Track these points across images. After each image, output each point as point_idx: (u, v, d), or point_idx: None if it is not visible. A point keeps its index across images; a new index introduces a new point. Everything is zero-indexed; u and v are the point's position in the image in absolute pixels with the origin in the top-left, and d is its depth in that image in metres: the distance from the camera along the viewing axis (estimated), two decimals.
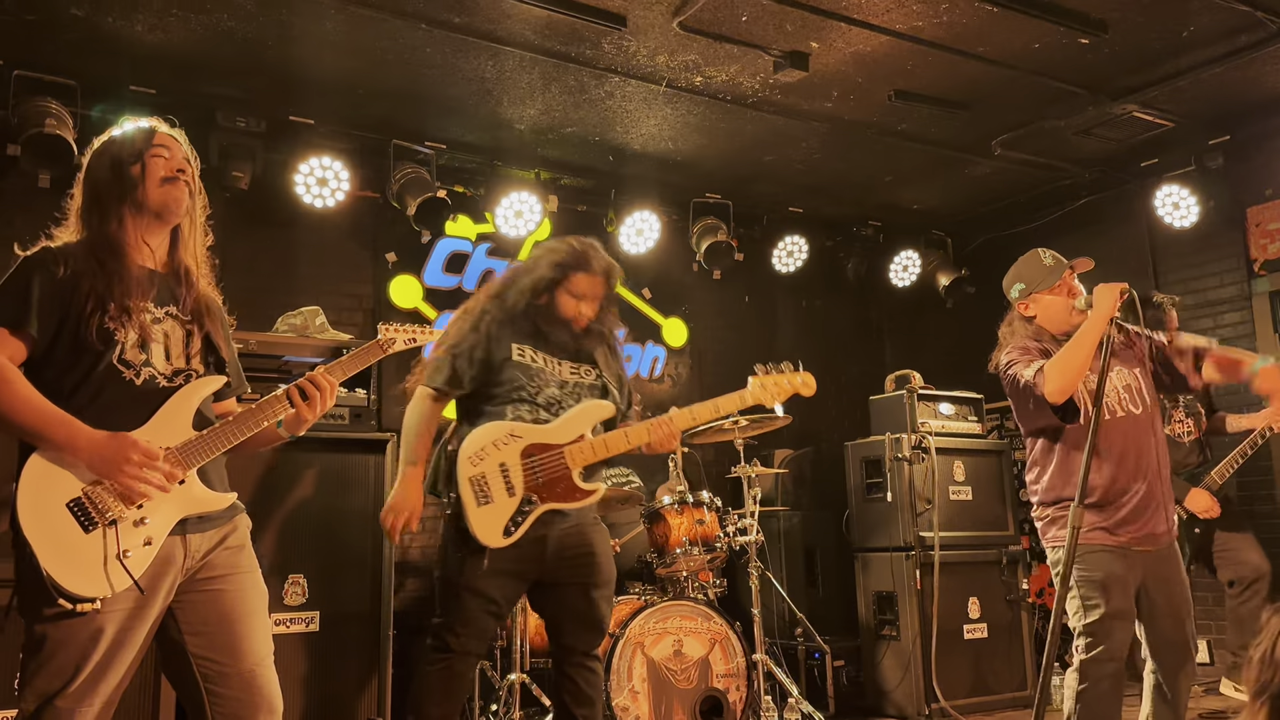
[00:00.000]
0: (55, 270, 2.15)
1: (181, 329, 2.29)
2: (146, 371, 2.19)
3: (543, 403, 3.14)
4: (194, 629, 2.21)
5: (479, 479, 3.00)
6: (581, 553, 3.14)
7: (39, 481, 2.05)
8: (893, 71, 4.76)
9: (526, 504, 3.03)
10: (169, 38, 4.24)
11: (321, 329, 4.24)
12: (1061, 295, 3.24)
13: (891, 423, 5.46)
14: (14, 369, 2.08)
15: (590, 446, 3.11)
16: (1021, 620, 5.43)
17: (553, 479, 3.07)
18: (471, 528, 2.96)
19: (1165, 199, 5.66)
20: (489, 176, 5.63)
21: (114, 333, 2.15)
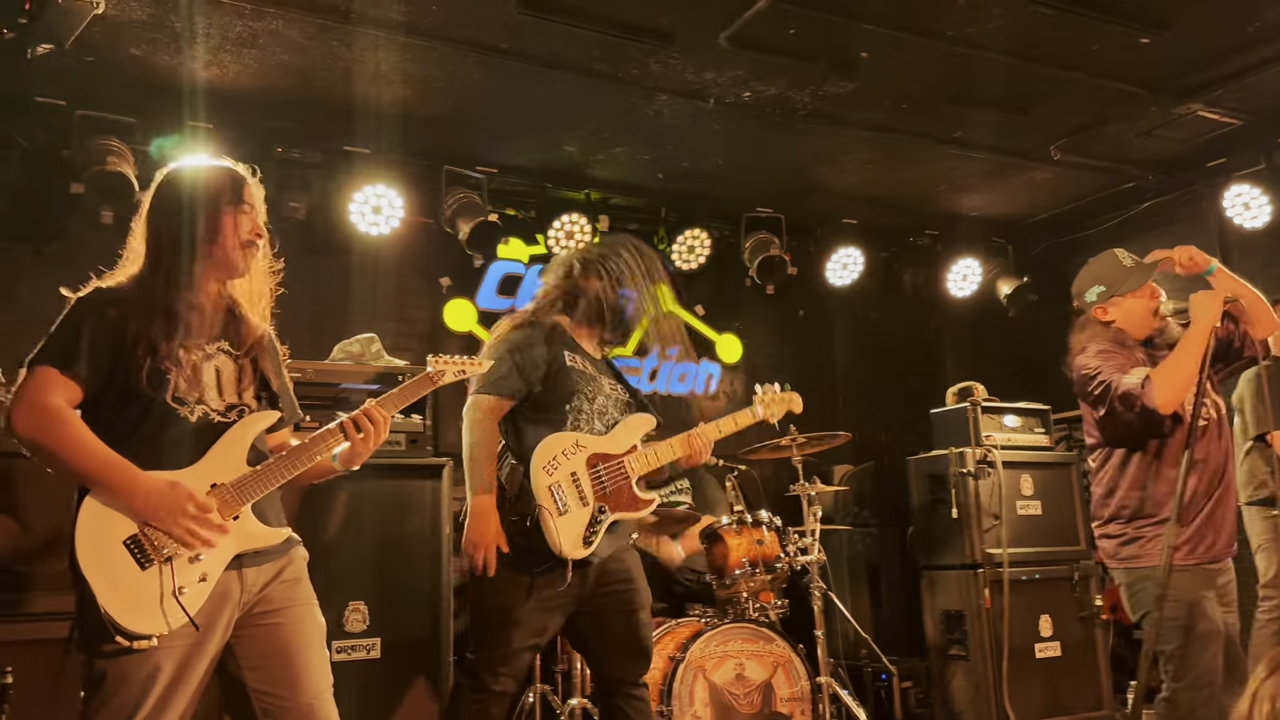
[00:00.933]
0: (106, 311, 2.16)
1: (233, 364, 2.30)
2: (200, 409, 2.20)
3: (596, 411, 3.12)
4: (253, 664, 2.21)
5: (556, 488, 2.97)
6: (621, 579, 3.10)
7: (96, 519, 2.06)
8: (946, 78, 4.67)
9: (599, 513, 3.00)
10: (224, 73, 4.32)
11: (378, 356, 4.27)
12: (1145, 298, 3.14)
13: (955, 436, 5.33)
14: (71, 412, 2.10)
15: (645, 456, 3.14)
16: (1096, 637, 5.25)
17: (618, 488, 3.07)
18: (555, 538, 2.90)
19: (1235, 199, 5.49)
20: (540, 199, 5.65)
21: (166, 372, 2.16)
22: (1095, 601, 5.28)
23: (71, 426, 2.08)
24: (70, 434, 2.07)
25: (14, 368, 3.72)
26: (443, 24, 4.05)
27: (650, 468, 3.15)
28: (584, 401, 3.10)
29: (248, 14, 3.89)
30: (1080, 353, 3.19)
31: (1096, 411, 3.12)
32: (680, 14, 4.06)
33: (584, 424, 3.09)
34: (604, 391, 3.17)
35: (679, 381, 6.17)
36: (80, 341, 2.12)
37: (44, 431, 2.06)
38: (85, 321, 2.14)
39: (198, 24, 3.94)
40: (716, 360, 6.32)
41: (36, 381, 2.09)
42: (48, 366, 2.10)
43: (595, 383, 3.15)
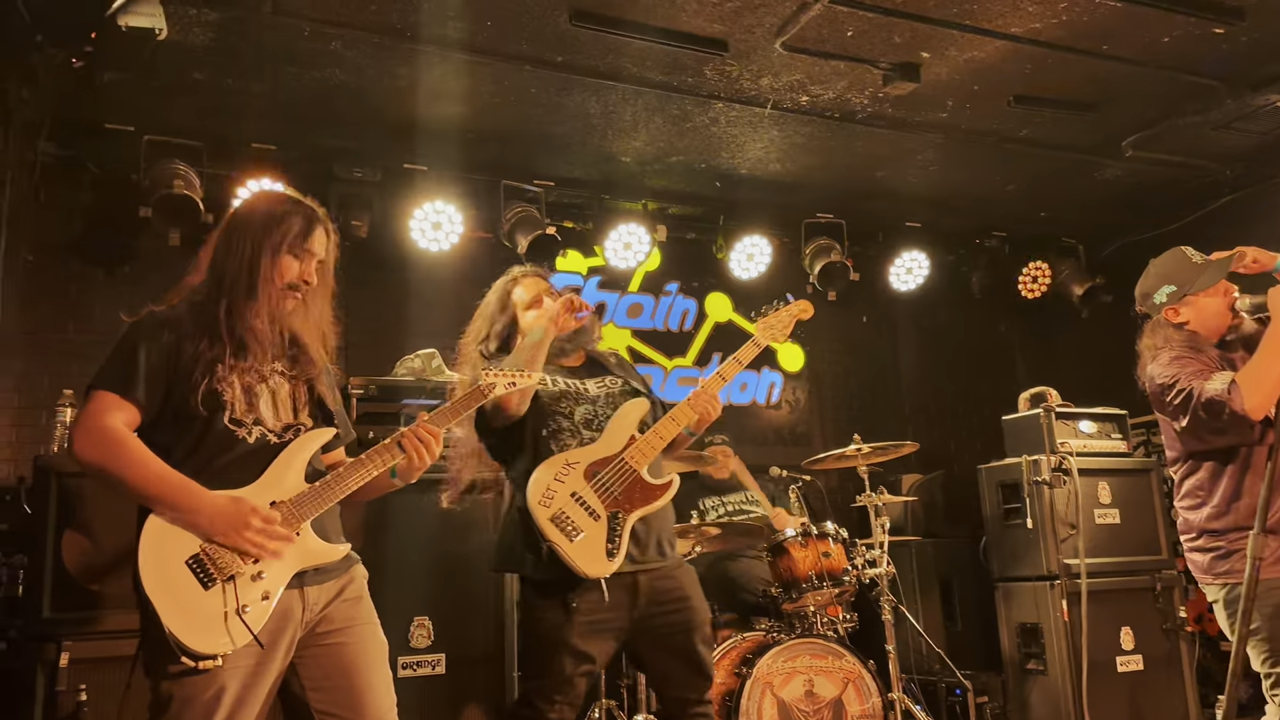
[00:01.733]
0: (161, 335, 2.19)
1: (289, 385, 2.31)
2: (257, 430, 2.22)
3: (581, 423, 3.06)
4: (316, 684, 2.21)
5: (559, 516, 2.92)
6: (675, 597, 3.02)
7: (158, 540, 2.08)
8: (1011, 76, 4.55)
9: (615, 520, 2.94)
10: (285, 95, 4.39)
11: (439, 370, 4.28)
12: (1219, 296, 2.99)
13: (1028, 444, 5.18)
14: (131, 434, 2.12)
15: (645, 443, 3.00)
16: (1180, 650, 5.05)
17: (627, 487, 2.96)
18: (575, 565, 2.86)
19: None
20: (597, 210, 5.64)
21: (222, 394, 2.18)
22: (1179, 613, 5.08)
23: (131, 449, 2.10)
24: (130, 456, 2.09)
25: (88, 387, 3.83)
26: (498, 40, 4.06)
27: (655, 452, 3.02)
28: (562, 420, 3.04)
29: (307, 36, 3.94)
30: (1152, 360, 3.05)
31: (1178, 422, 2.96)
32: (734, 21, 4.01)
33: (570, 440, 3.01)
34: (586, 399, 3.10)
35: (740, 391, 6.10)
36: (137, 366, 2.14)
37: (105, 454, 2.08)
38: (141, 346, 2.17)
39: (259, 47, 4.01)
40: (778, 369, 6.23)
41: (95, 406, 2.12)
42: (106, 391, 2.13)
43: (569, 396, 3.08)
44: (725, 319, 6.14)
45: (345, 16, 3.85)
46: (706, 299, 6.11)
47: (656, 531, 3.04)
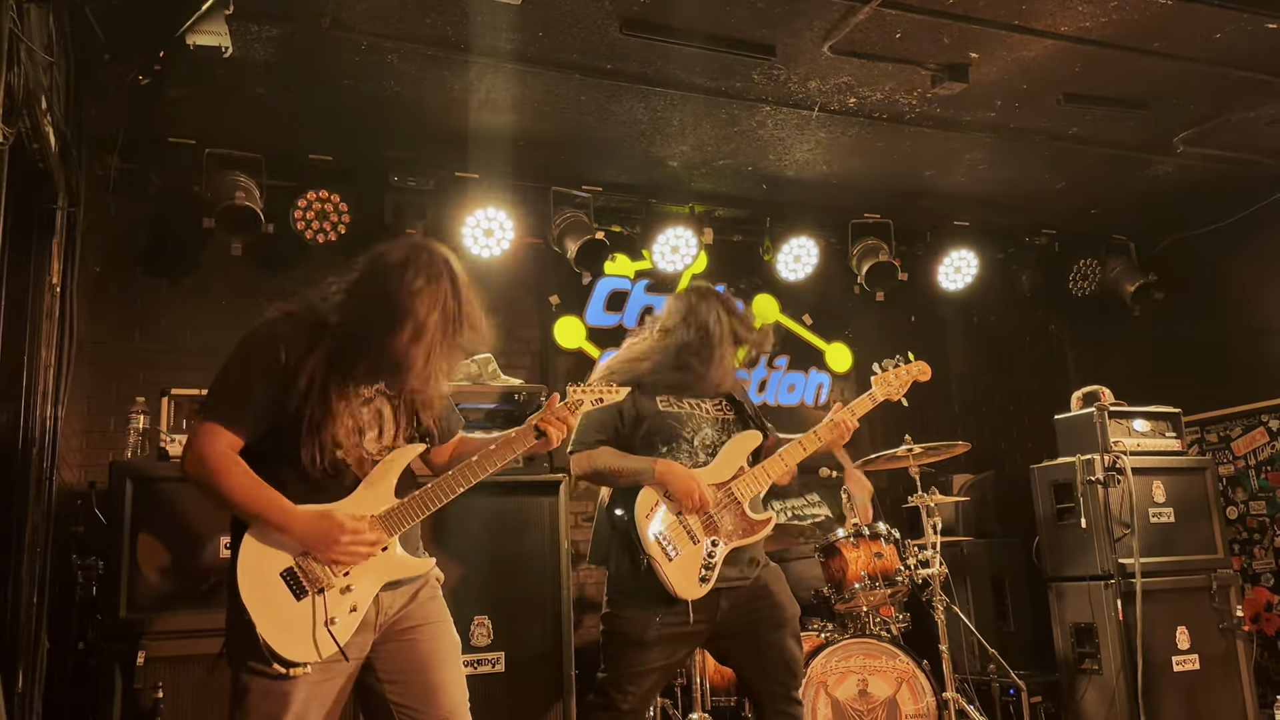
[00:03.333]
0: (273, 354, 2.23)
1: (390, 405, 2.37)
2: (357, 451, 2.30)
3: (699, 446, 3.14)
4: (392, 677, 2.30)
5: (661, 535, 3.00)
6: (760, 596, 3.09)
7: (255, 553, 2.19)
8: (1060, 75, 4.53)
9: (712, 547, 3.02)
10: (341, 106, 4.49)
11: (494, 375, 4.36)
12: None
13: (1081, 443, 5.15)
14: (233, 456, 2.21)
15: (753, 477, 3.14)
16: (1237, 649, 5.00)
17: (728, 517, 3.07)
18: (669, 584, 2.95)
19: None
20: (644, 214, 5.69)
21: (330, 415, 2.24)
22: (1236, 612, 5.03)
23: (234, 470, 2.19)
24: (233, 477, 2.19)
25: (157, 394, 3.95)
26: (549, 49, 4.13)
27: (760, 487, 3.14)
28: (683, 441, 3.14)
29: (364, 49, 4.03)
30: None
31: None
32: (782, 25, 4.04)
33: (686, 460, 3.11)
34: (708, 423, 3.19)
35: (788, 392, 6.12)
36: (246, 395, 2.22)
37: (209, 476, 2.19)
38: (253, 370, 2.23)
39: (318, 61, 4.11)
40: (826, 369, 6.24)
41: (204, 433, 2.21)
42: (215, 422, 2.21)
43: (693, 419, 3.17)
44: (772, 320, 6.16)
45: (401, 30, 3.94)
46: (753, 300, 6.14)
47: (749, 552, 3.12)
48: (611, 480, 3.14)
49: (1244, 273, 6.20)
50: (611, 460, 3.10)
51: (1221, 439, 6.20)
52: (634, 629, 3.01)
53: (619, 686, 3.02)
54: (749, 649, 3.11)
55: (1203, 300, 6.35)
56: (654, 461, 3.05)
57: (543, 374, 5.50)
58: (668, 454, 3.11)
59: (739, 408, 3.32)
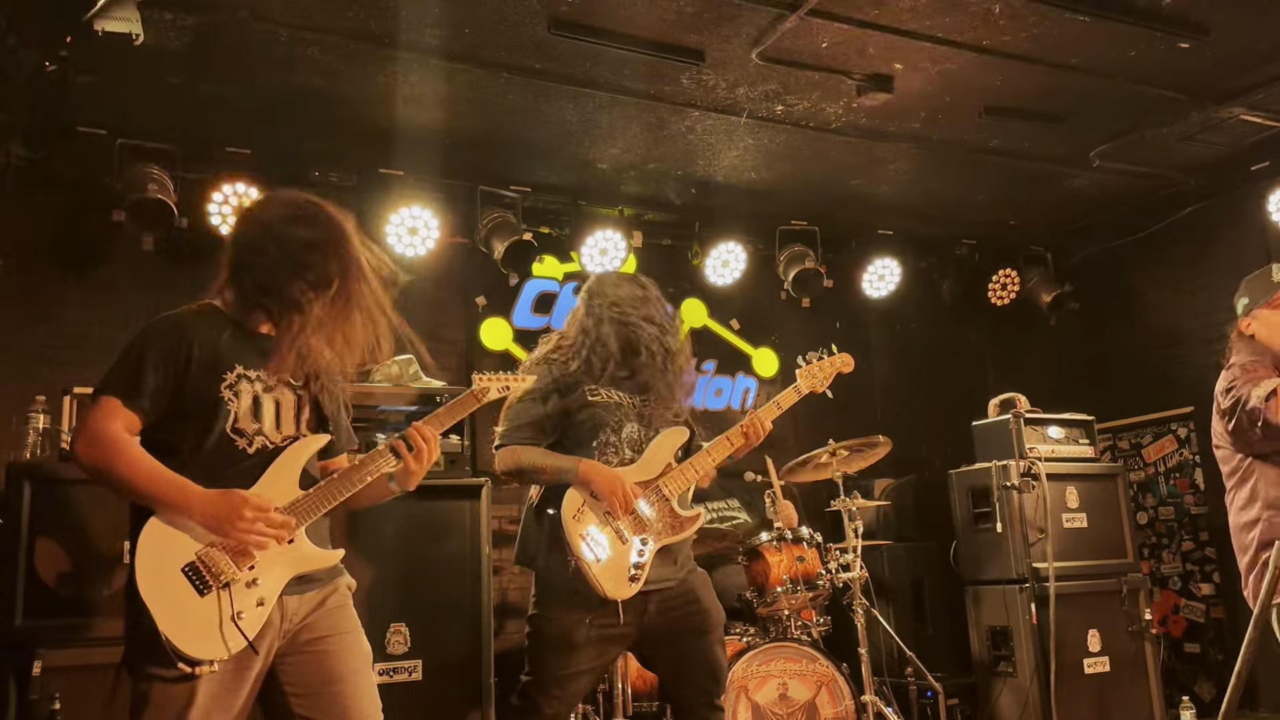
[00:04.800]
0: (172, 340, 2.19)
1: (294, 396, 2.31)
2: (259, 440, 2.23)
3: (626, 440, 3.11)
4: (299, 690, 2.23)
5: (589, 534, 2.96)
6: (687, 600, 3.08)
7: (155, 546, 2.10)
8: (982, 88, 4.63)
9: (642, 545, 2.99)
10: (260, 99, 4.37)
11: (416, 377, 4.28)
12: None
13: (997, 449, 5.25)
14: (129, 438, 2.13)
15: (680, 473, 3.12)
16: (1146, 651, 5.14)
17: (657, 514, 3.06)
18: (597, 585, 2.92)
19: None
20: (574, 216, 5.66)
21: (227, 403, 2.19)
22: (1145, 615, 5.17)
23: (130, 450, 2.12)
24: (129, 456, 2.11)
25: (59, 393, 3.80)
26: (475, 46, 4.08)
27: (688, 483, 3.13)
28: (610, 434, 3.09)
29: (284, 41, 3.93)
30: (1227, 366, 3.13)
31: (1227, 425, 3.03)
32: (711, 31, 4.05)
33: (612, 456, 3.08)
34: (633, 417, 3.15)
35: (715, 396, 6.14)
36: (142, 372, 2.15)
37: (104, 458, 2.10)
38: (150, 350, 2.17)
39: (236, 52, 3.99)
40: (753, 374, 6.28)
41: (100, 411, 2.13)
42: (112, 397, 2.14)
43: (622, 410, 3.13)
44: (700, 324, 6.18)
45: (322, 22, 3.85)
46: (681, 305, 6.14)
47: (676, 552, 3.10)
48: (535, 478, 3.10)
49: (1156, 285, 6.40)
50: (536, 457, 3.06)
51: (1133, 446, 6.39)
52: (561, 631, 2.96)
53: (543, 690, 2.98)
54: (673, 654, 3.09)
55: (1116, 311, 6.54)
56: (578, 461, 3.02)
57: (467, 377, 5.38)
58: (596, 448, 3.07)
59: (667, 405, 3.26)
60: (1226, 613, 5.89)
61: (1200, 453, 6.00)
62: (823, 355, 3.47)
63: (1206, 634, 5.93)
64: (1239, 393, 2.93)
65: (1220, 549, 5.93)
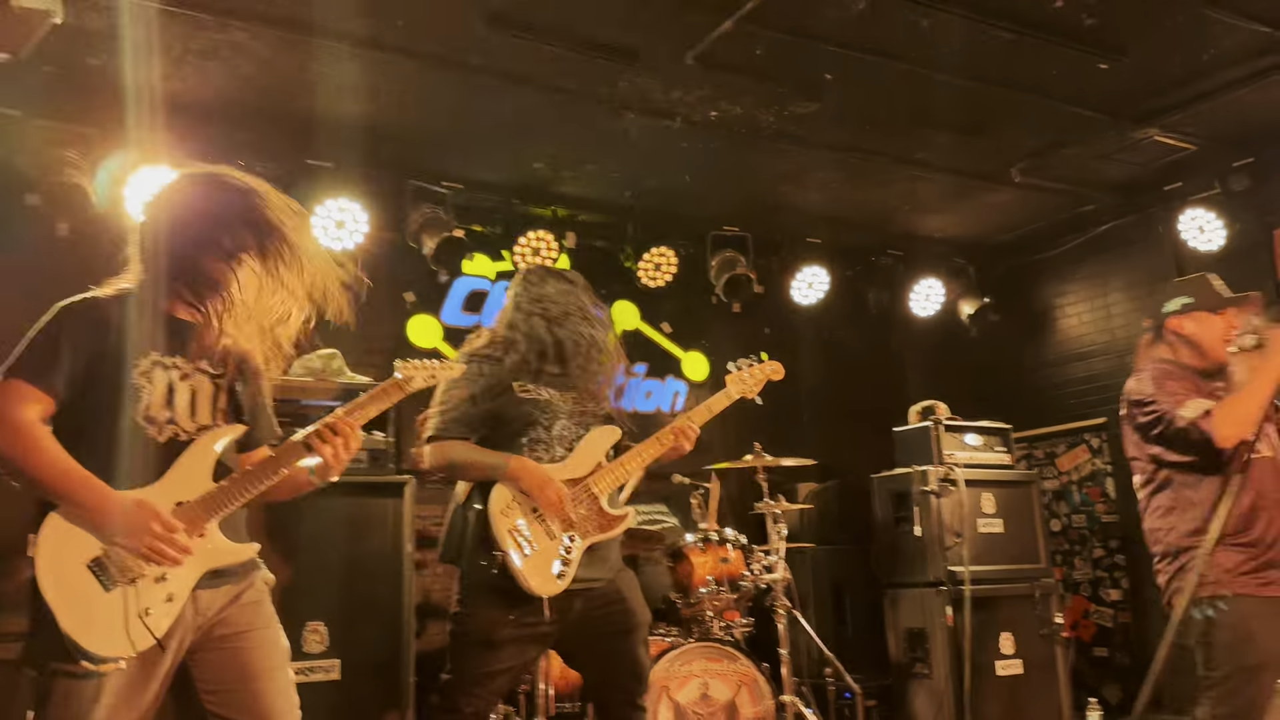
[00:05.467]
0: (85, 324, 2.12)
1: (211, 384, 2.25)
2: (170, 429, 2.17)
3: (556, 437, 3.10)
4: (212, 687, 2.17)
5: (517, 530, 2.95)
6: (612, 600, 3.08)
7: (59, 540, 2.02)
8: (908, 101, 4.73)
9: (569, 542, 2.99)
10: (186, 85, 4.27)
11: (339, 372, 4.22)
12: (1224, 322, 3.08)
13: (917, 455, 5.37)
14: (42, 428, 2.05)
15: (610, 471, 3.12)
16: (1056, 655, 5.29)
17: (586, 513, 3.05)
18: (524, 581, 2.90)
19: (1190, 222, 5.58)
20: (506, 215, 5.63)
21: (140, 389, 2.13)
22: (1056, 619, 5.32)
23: (43, 442, 2.03)
24: (41, 450, 2.02)
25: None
26: (408, 39, 4.04)
27: (618, 482, 3.13)
28: (540, 431, 3.09)
29: (210, 26, 3.85)
30: (1136, 377, 3.12)
31: (1146, 440, 3.04)
32: (647, 33, 4.07)
33: (543, 453, 3.07)
34: (564, 414, 3.15)
35: (645, 399, 6.16)
36: (56, 355, 2.07)
37: (15, 447, 2.01)
38: (63, 333, 2.10)
39: (158, 35, 3.89)
40: (683, 378, 6.31)
41: (10, 396, 2.04)
42: (20, 380, 2.05)
43: (553, 408, 3.12)
44: (632, 327, 6.19)
45: (251, 9, 3.78)
46: (613, 307, 6.15)
47: (604, 550, 3.09)
48: (463, 474, 3.08)
49: (1071, 299, 6.61)
50: (465, 453, 3.04)
51: (1047, 455, 6.57)
52: (484, 628, 2.94)
53: (464, 689, 2.95)
54: (598, 654, 3.09)
55: (1034, 324, 6.73)
56: (508, 458, 3.00)
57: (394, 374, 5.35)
58: (526, 445, 3.06)
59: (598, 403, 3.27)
60: (1134, 618, 6.09)
61: (1112, 462, 6.20)
62: (754, 362, 3.50)
63: (1115, 639, 6.12)
64: (1165, 410, 2.94)
65: (1129, 556, 6.14)
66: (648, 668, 3.16)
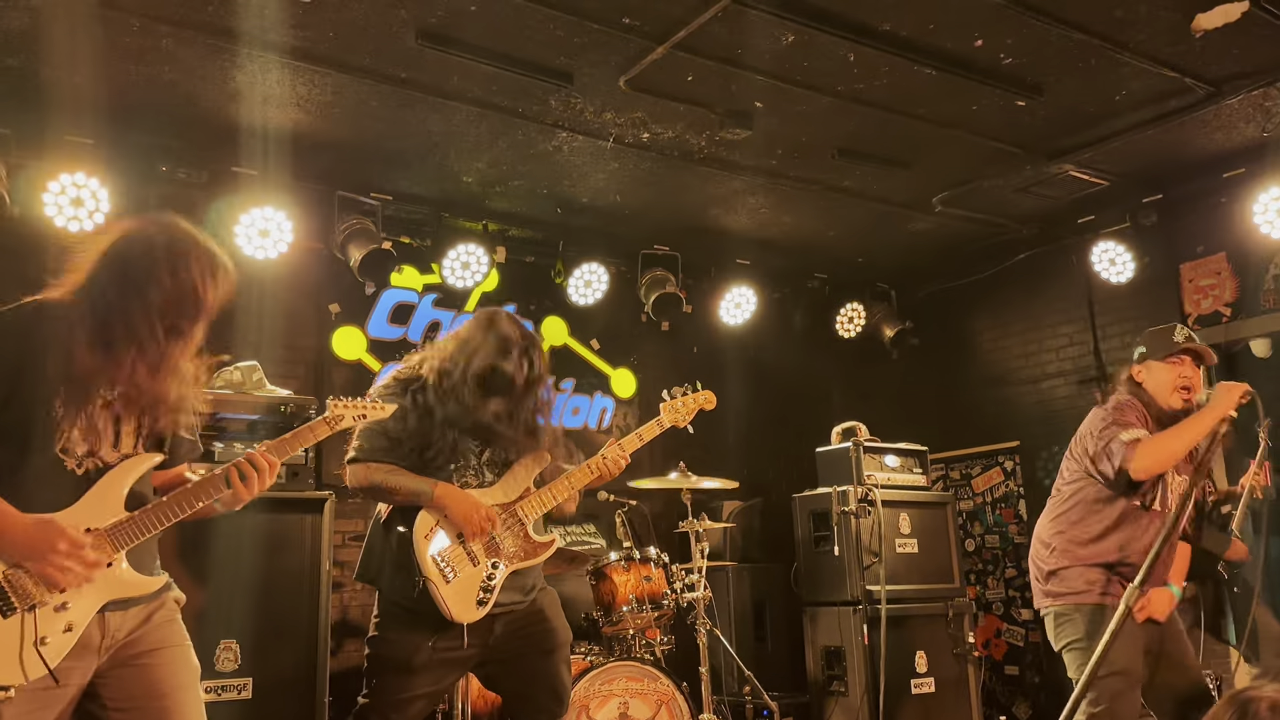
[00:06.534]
0: (9, 342, 2.06)
1: (130, 412, 2.19)
2: (90, 462, 2.12)
3: (486, 463, 3.10)
4: (120, 705, 2.13)
5: (441, 555, 2.93)
6: (534, 620, 3.08)
7: None
8: (835, 131, 4.84)
9: (493, 569, 2.98)
10: (109, 89, 4.17)
11: (259, 385, 4.16)
12: (1172, 370, 3.26)
13: (838, 475, 5.47)
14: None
15: (539, 498, 3.13)
16: (969, 673, 5.42)
17: (511, 539, 3.05)
18: (445, 607, 2.88)
19: (1102, 255, 5.78)
20: (436, 228, 5.60)
21: (60, 420, 2.07)
22: (968, 638, 5.45)
23: None
24: None
25: None
26: (339, 51, 4.01)
27: (545, 508, 3.14)
28: (470, 458, 3.08)
29: (136, 30, 3.77)
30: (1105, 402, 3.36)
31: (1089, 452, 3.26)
32: (580, 56, 4.10)
33: (471, 479, 3.06)
34: (494, 439, 3.14)
35: (572, 415, 6.17)
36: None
37: None
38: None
39: (83, 40, 3.80)
40: (611, 394, 6.34)
41: None
42: None
43: (482, 433, 3.12)
44: (561, 343, 6.21)
45: (179, 15, 3.71)
46: (543, 322, 6.16)
47: (527, 574, 3.09)
48: (388, 497, 3.05)
49: (988, 326, 6.81)
50: (390, 477, 3.01)
51: (963, 476, 6.75)
52: (402, 652, 2.92)
53: (380, 712, 2.92)
54: (518, 674, 3.09)
55: (952, 348, 6.91)
56: (434, 484, 2.98)
57: (317, 386, 5.29)
58: (454, 471, 3.05)
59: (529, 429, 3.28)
60: (1044, 638, 6.26)
61: (1024, 484, 6.39)
62: (687, 391, 3.56)
63: (1025, 657, 6.29)
64: (1109, 431, 3.17)
65: None
66: (568, 687, 3.17)
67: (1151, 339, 3.40)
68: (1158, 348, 3.33)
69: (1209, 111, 4.69)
